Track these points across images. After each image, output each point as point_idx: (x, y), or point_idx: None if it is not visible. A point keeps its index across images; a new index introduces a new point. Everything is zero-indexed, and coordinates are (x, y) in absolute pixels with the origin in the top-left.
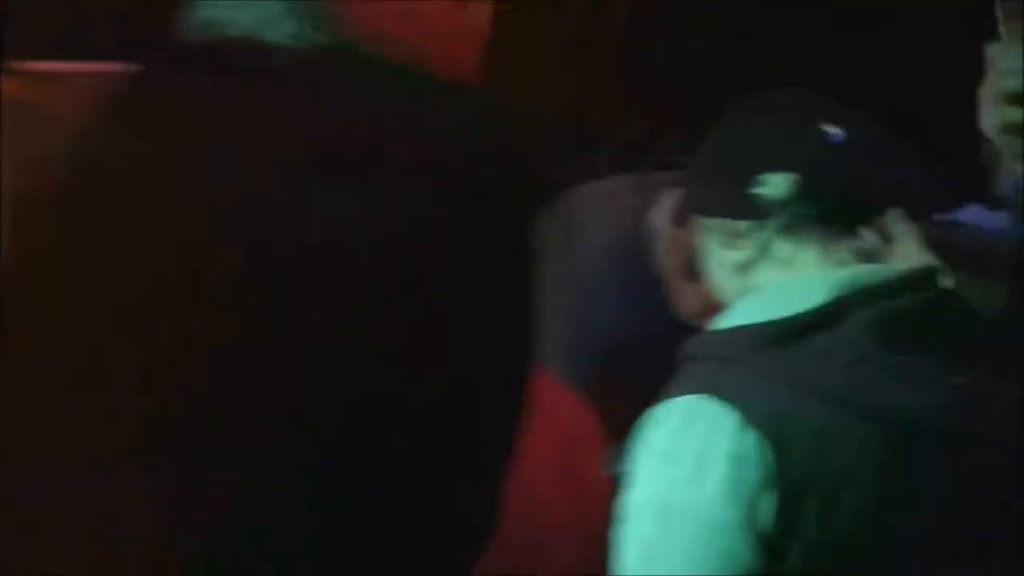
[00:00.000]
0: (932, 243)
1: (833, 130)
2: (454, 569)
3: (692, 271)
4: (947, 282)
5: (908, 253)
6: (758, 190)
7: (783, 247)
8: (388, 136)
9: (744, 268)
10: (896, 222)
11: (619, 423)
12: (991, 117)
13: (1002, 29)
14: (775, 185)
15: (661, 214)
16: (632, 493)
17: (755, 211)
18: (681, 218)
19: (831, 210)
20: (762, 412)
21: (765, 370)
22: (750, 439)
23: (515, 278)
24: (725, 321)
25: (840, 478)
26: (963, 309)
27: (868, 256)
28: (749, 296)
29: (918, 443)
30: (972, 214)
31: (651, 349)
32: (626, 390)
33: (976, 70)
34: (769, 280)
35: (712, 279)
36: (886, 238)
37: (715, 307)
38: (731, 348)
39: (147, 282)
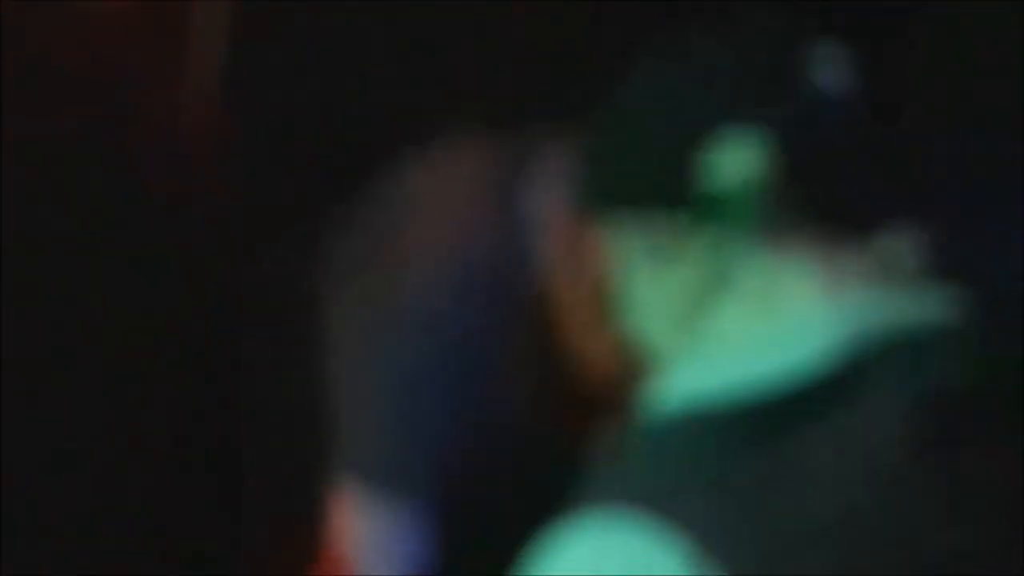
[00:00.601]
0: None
1: (827, 71)
2: None
3: (603, 302)
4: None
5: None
6: (706, 165)
7: (754, 265)
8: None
9: (691, 303)
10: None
11: (484, 560)
12: None
13: None
14: (735, 155)
15: (544, 202)
16: None
17: (703, 202)
18: (582, 213)
19: (834, 199)
20: (733, 549)
21: (738, 480)
22: None
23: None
24: (663, 395)
25: None
26: None
27: (898, 280)
28: (702, 352)
29: None
30: None
31: (531, 441)
32: (492, 509)
33: None
34: (736, 323)
35: (638, 320)
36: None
37: (643, 366)
38: (676, 443)
39: None
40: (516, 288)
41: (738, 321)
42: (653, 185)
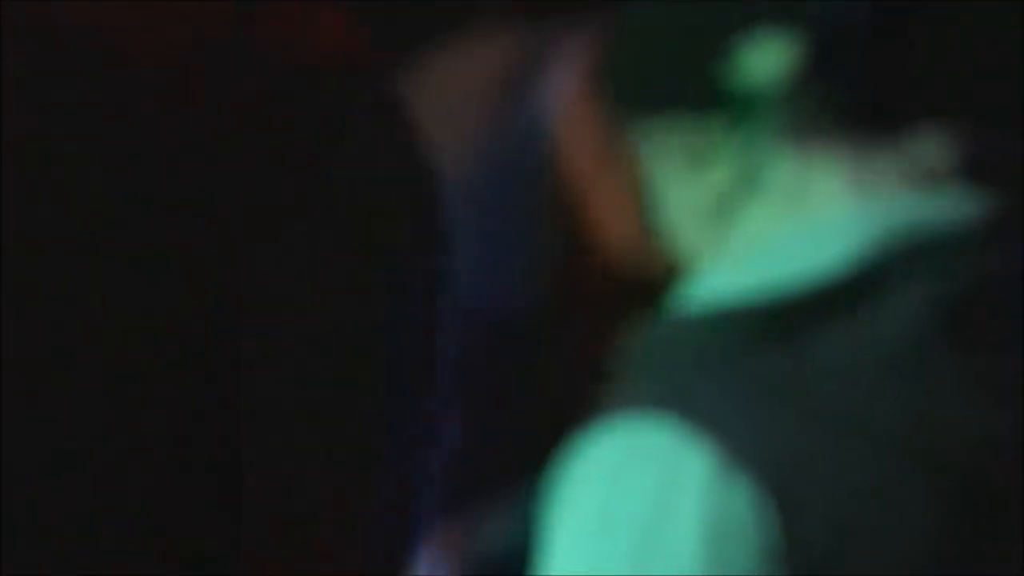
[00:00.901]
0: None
1: None
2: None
3: (620, 163)
4: None
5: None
6: (735, 66)
7: (783, 167)
8: None
9: (720, 205)
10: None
11: (507, 458)
12: None
13: None
14: (764, 54)
15: (561, 80)
16: None
17: (732, 103)
18: (595, 90)
19: (864, 100)
20: (758, 448)
21: (758, 380)
22: (738, 492)
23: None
24: (690, 294)
25: (886, 560)
26: None
27: (926, 182)
28: (729, 253)
29: (1011, 509)
30: None
31: (556, 339)
32: (518, 402)
33: None
34: (763, 224)
35: (667, 222)
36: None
37: (670, 266)
38: (705, 340)
39: None
40: (535, 176)
41: (766, 222)
42: (681, 86)
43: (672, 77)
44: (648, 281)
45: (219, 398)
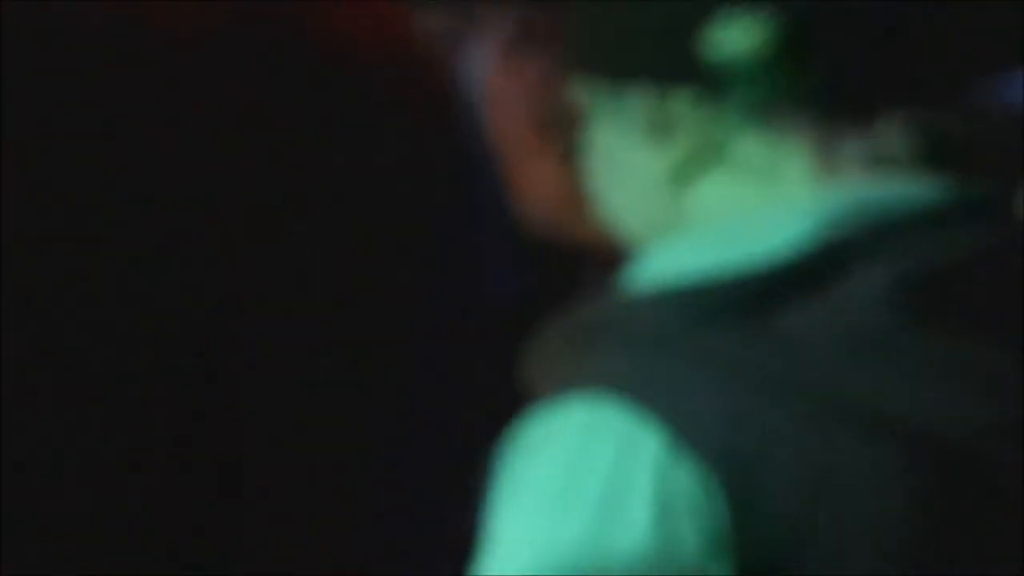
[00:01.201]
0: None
1: None
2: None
3: (550, 123)
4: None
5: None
6: (707, 43)
7: (748, 144)
8: None
9: (679, 177)
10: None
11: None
12: None
13: None
14: (738, 33)
15: (484, 53)
16: (492, 563)
17: (701, 76)
18: (521, 49)
19: (835, 83)
20: (708, 429)
21: (714, 358)
22: (688, 474)
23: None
24: (644, 271)
25: (841, 544)
26: None
27: (890, 168)
28: (687, 228)
29: (975, 487)
30: None
31: (504, 314)
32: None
33: None
34: (722, 200)
35: (618, 195)
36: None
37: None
38: (656, 318)
39: None
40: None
41: (727, 199)
42: (651, 56)
43: (641, 46)
44: (578, 252)
45: (219, 398)
